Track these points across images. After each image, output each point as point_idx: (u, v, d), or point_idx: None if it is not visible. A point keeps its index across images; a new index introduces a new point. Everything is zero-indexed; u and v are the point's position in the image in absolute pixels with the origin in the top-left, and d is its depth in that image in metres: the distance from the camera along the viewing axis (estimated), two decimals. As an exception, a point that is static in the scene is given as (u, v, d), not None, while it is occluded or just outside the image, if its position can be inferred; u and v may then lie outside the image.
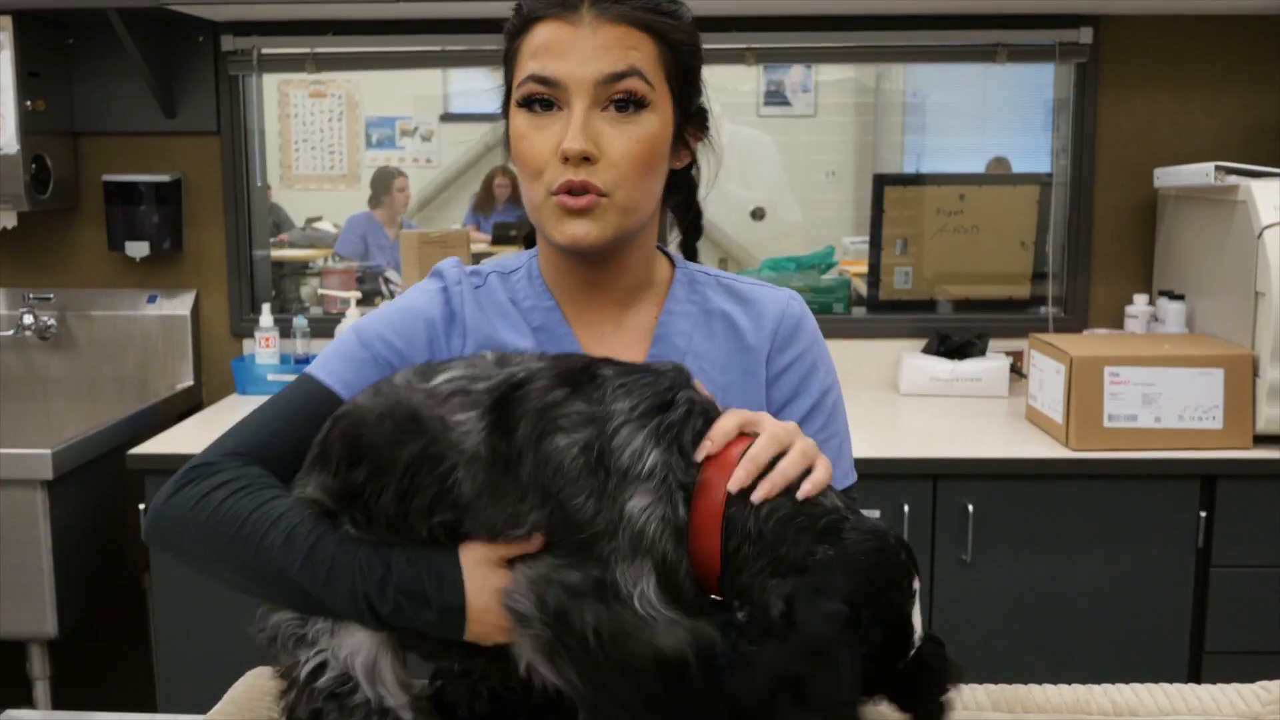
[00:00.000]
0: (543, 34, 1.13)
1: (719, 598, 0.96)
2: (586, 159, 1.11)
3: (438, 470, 0.97)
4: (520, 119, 1.15)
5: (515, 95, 1.15)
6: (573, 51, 1.12)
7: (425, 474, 0.97)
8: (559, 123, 1.13)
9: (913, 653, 0.95)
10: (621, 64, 1.12)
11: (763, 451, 0.97)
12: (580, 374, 1.01)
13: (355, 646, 1.01)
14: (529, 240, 1.30)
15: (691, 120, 1.22)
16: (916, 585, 0.96)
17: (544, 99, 1.13)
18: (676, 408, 0.99)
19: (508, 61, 1.19)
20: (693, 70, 1.20)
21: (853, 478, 1.29)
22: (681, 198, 1.29)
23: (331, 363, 1.19)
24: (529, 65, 1.13)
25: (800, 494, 0.96)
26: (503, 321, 1.23)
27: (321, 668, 1.00)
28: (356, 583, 0.99)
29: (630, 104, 1.13)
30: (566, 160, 1.11)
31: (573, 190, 1.12)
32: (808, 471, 0.98)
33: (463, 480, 0.97)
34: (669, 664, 0.91)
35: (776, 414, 1.24)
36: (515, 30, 1.17)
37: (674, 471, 0.96)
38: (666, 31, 1.15)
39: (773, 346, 1.26)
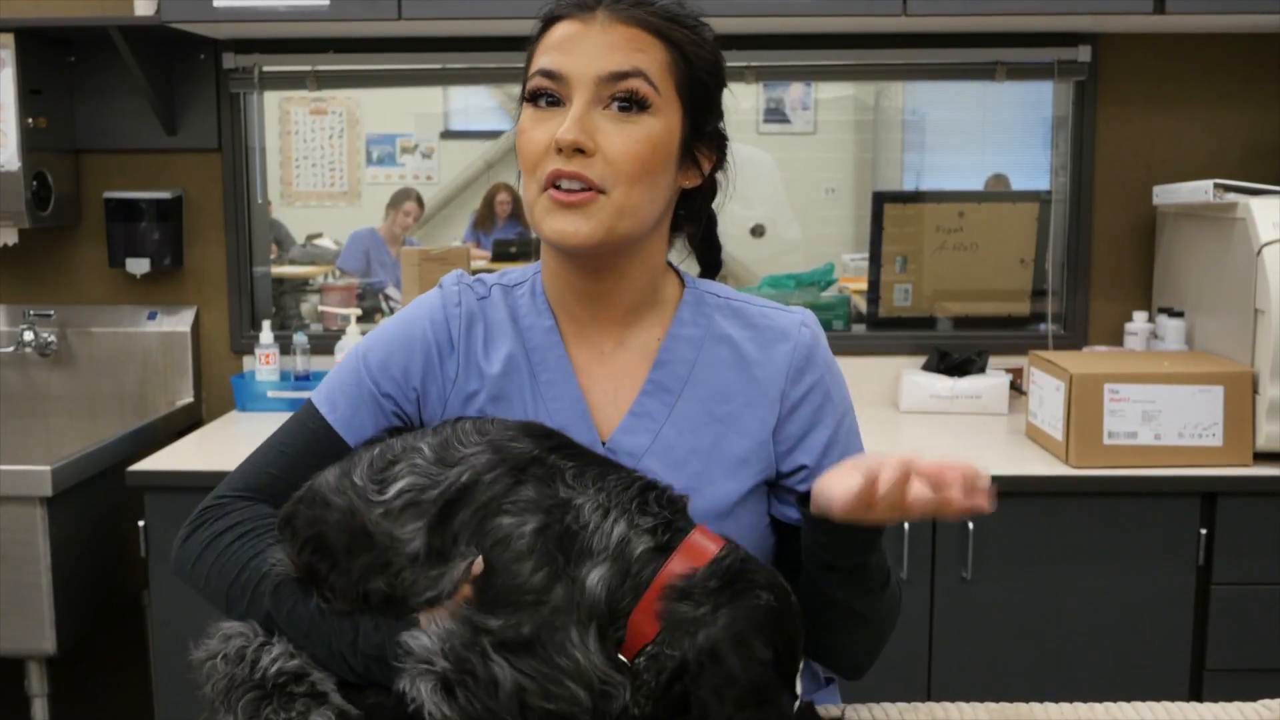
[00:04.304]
0: (558, 32, 1.15)
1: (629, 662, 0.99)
2: (580, 151, 1.11)
3: (387, 573, 1.04)
4: (526, 114, 1.16)
5: (525, 90, 1.16)
6: (581, 48, 1.13)
7: (375, 578, 1.04)
8: (559, 118, 1.13)
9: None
10: (626, 64, 1.12)
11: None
12: (530, 463, 1.04)
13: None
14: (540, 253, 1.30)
15: (705, 139, 1.22)
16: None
17: (549, 94, 1.14)
18: (648, 509, 1.02)
19: (527, 63, 1.20)
20: (708, 87, 1.20)
21: None
22: (695, 230, 1.29)
23: (335, 397, 1.23)
24: (540, 60, 1.15)
25: None
26: (498, 344, 1.23)
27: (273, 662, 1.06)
28: (332, 643, 1.06)
29: (632, 104, 1.13)
30: (560, 151, 1.11)
31: (562, 180, 1.12)
32: None
33: (408, 578, 1.03)
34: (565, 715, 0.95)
35: (792, 450, 1.23)
36: (537, 32, 1.18)
37: (633, 556, 0.99)
38: (680, 41, 1.16)
39: (786, 380, 1.23)
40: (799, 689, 1.00)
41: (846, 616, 1.18)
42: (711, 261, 1.33)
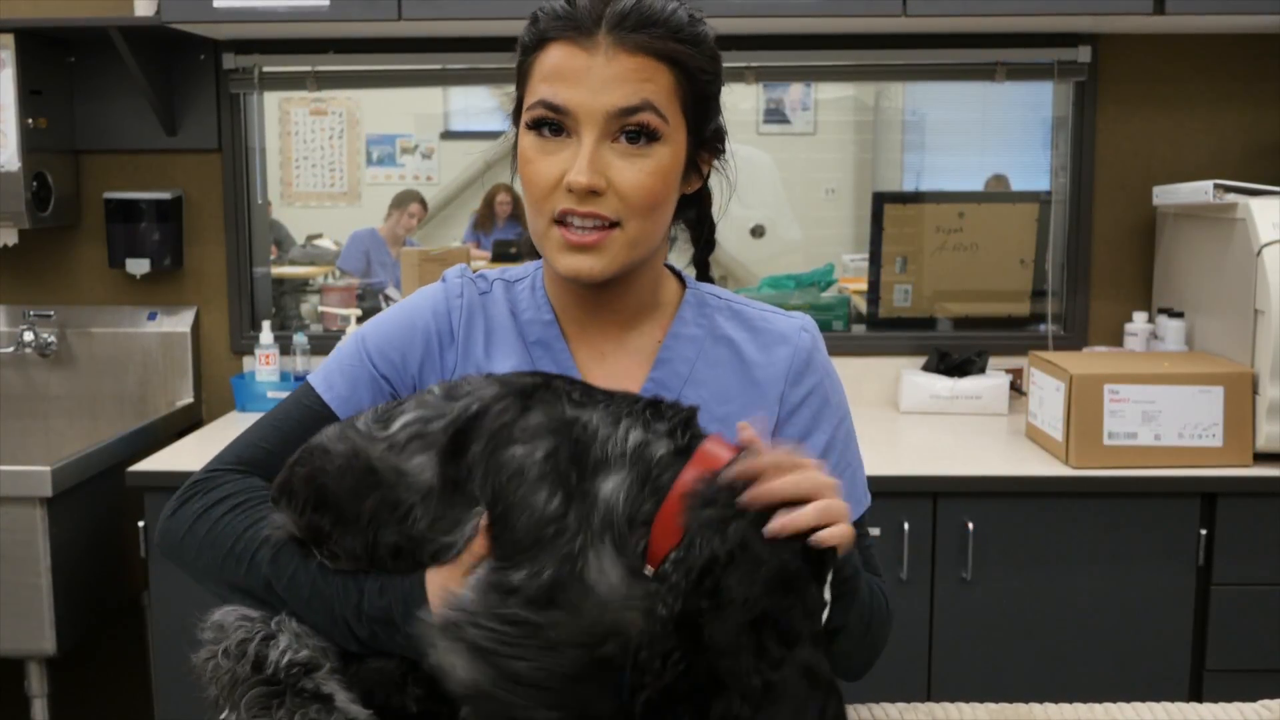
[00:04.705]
0: (556, 56, 1.11)
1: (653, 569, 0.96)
2: (593, 192, 1.10)
3: (396, 514, 1.00)
4: (528, 141, 1.13)
5: (525, 116, 1.14)
6: (586, 80, 1.09)
7: (386, 523, 1.00)
8: (567, 150, 1.11)
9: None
10: (635, 98, 1.10)
11: (784, 489, 0.95)
12: (535, 389, 1.02)
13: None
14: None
15: (705, 144, 1.20)
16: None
17: (553, 124, 1.11)
18: (662, 415, 1.00)
19: (520, 74, 1.16)
20: (710, 97, 1.18)
21: (867, 502, 1.28)
22: (694, 213, 1.27)
23: (333, 377, 1.22)
24: (540, 89, 1.12)
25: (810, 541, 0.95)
26: (498, 337, 1.23)
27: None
28: (335, 608, 1.02)
29: (642, 136, 1.11)
30: (571, 191, 1.10)
31: (574, 219, 1.11)
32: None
33: (420, 517, 1.00)
34: (605, 645, 0.92)
35: None
36: (529, 46, 1.15)
37: (653, 459, 0.97)
38: (685, 60, 1.13)
39: (786, 383, 1.23)
40: (828, 595, 0.98)
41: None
42: (706, 240, 1.31)
